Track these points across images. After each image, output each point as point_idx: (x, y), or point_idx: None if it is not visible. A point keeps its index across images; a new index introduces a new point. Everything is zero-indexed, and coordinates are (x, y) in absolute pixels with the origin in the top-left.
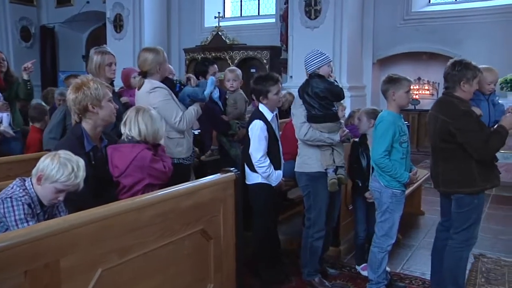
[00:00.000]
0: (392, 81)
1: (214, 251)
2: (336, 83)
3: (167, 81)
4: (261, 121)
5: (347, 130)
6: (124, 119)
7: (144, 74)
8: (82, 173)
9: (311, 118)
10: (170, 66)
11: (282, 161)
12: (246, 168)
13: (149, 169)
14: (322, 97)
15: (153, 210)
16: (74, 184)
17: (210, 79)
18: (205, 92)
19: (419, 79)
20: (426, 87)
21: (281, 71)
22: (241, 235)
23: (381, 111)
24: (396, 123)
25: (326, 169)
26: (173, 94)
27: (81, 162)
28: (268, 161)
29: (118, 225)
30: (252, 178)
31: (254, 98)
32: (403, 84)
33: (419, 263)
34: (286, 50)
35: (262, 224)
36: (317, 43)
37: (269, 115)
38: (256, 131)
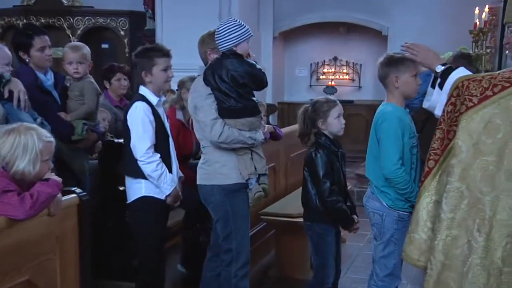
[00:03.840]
0: (394, 62)
1: None
2: (258, 66)
3: None
4: (143, 102)
5: (267, 126)
6: None
7: None
8: None
9: (226, 112)
10: None
11: (175, 163)
12: (126, 180)
13: None
14: (241, 83)
15: None
16: None
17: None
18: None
19: (335, 59)
20: (345, 70)
21: None
22: (90, 284)
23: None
24: (404, 120)
25: (247, 180)
26: None
27: None
28: (159, 155)
29: None
30: (133, 192)
31: (106, 86)
32: (409, 65)
33: None
34: (153, 18)
35: (147, 264)
36: (198, 9)
37: (154, 99)
38: (138, 114)
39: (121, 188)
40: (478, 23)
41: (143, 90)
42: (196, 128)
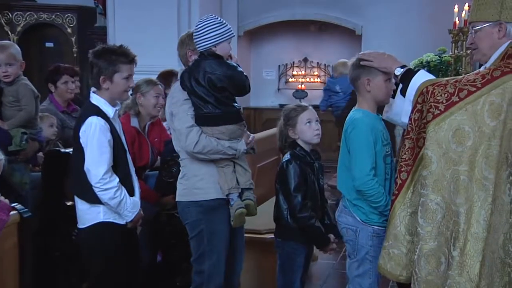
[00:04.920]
0: (366, 64)
1: None
2: (239, 68)
3: None
4: (99, 118)
5: (253, 136)
6: None
7: None
8: None
9: (203, 119)
10: None
11: (137, 182)
12: (79, 203)
13: None
14: (219, 87)
15: None
16: None
17: None
18: None
19: (305, 60)
20: (316, 72)
21: (96, 46)
22: None
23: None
24: (376, 127)
25: (228, 195)
26: None
27: None
28: (117, 179)
29: None
30: (89, 217)
31: (52, 89)
32: None
33: None
34: (104, 14)
35: None
36: (154, 6)
37: (109, 111)
38: (94, 134)
39: (69, 203)
40: (457, 22)
41: (96, 99)
42: (174, 139)
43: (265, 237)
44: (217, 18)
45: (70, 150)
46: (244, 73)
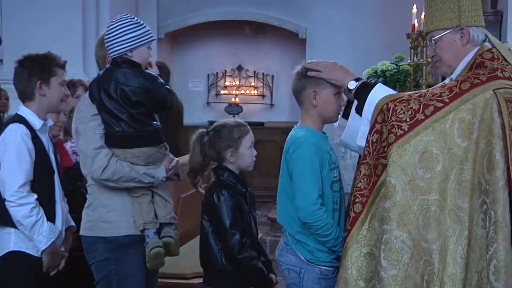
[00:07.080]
0: (313, 75)
1: None
2: (160, 79)
3: None
4: (21, 125)
5: (176, 160)
6: None
7: None
8: None
9: (114, 140)
10: None
11: (62, 209)
12: None
13: None
14: (134, 102)
15: None
16: None
17: None
18: None
19: (239, 68)
20: (252, 83)
21: None
22: None
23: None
24: (322, 147)
25: (142, 231)
26: None
27: None
28: (35, 196)
29: None
30: (2, 245)
31: None
32: None
33: None
34: None
35: None
36: (53, 3)
37: (36, 122)
38: (13, 141)
39: None
40: (416, 24)
41: (22, 110)
42: (81, 161)
43: (192, 283)
44: (133, 18)
45: None
46: (166, 85)
